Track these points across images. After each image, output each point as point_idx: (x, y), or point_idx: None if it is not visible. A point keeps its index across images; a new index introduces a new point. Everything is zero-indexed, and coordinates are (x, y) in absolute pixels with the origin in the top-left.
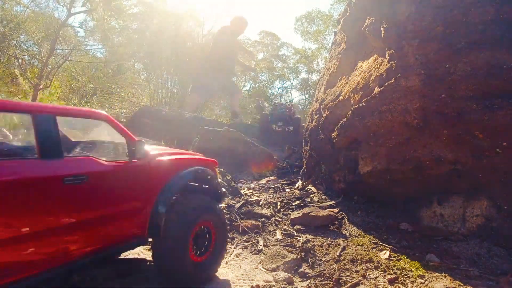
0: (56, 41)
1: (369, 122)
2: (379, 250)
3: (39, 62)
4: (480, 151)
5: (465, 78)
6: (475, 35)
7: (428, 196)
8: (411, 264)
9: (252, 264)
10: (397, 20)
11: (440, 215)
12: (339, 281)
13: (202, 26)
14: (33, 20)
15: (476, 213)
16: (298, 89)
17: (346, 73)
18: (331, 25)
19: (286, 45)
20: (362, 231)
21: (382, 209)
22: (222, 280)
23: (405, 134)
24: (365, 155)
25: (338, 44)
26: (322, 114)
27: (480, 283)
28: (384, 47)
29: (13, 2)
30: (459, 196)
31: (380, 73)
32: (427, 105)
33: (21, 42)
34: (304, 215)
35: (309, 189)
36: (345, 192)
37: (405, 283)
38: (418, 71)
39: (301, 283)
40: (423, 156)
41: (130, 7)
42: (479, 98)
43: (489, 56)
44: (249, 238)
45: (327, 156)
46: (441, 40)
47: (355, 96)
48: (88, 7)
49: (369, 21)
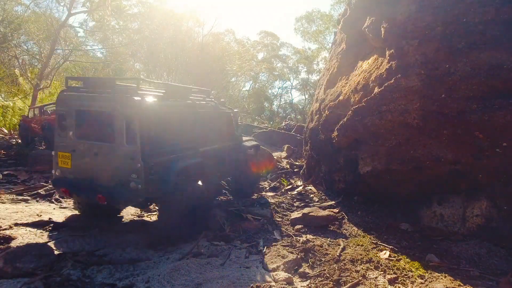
0: (56, 41)
1: (369, 122)
2: (379, 250)
3: (39, 63)
4: (480, 151)
5: (465, 78)
6: (475, 35)
7: (428, 196)
8: (411, 264)
9: (252, 264)
10: (397, 20)
11: (440, 215)
12: (339, 281)
13: (202, 26)
14: (34, 21)
15: (476, 213)
16: (298, 89)
17: (346, 73)
18: (331, 25)
19: (286, 45)
20: (362, 231)
21: (382, 209)
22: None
23: (405, 134)
24: (365, 155)
25: (338, 44)
26: (322, 114)
27: (480, 283)
28: (384, 47)
29: (13, 3)
30: (459, 196)
31: (380, 73)
32: (427, 105)
33: (22, 43)
34: (304, 215)
35: (309, 189)
36: (345, 192)
37: (405, 283)
38: (418, 71)
39: (301, 283)
40: (423, 156)
41: (130, 7)
42: (479, 98)
43: (489, 56)
44: (249, 238)
45: (327, 156)
46: (441, 40)
47: (355, 96)
48: (88, 7)
49: (369, 21)
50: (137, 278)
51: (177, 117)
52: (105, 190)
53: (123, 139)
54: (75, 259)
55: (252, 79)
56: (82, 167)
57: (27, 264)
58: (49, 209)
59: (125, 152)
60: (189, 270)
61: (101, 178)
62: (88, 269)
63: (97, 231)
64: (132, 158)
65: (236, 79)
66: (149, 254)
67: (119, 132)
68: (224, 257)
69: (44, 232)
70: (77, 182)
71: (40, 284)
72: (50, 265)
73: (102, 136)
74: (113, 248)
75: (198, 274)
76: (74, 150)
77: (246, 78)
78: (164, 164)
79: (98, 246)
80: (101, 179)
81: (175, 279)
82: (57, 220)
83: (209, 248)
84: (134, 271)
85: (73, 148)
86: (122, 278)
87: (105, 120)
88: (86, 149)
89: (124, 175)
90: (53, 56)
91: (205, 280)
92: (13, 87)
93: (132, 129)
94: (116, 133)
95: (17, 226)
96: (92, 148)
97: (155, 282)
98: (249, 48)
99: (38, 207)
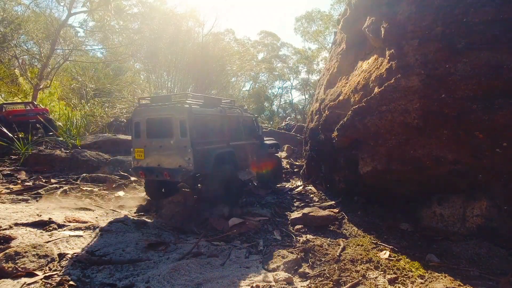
0: (56, 41)
1: (369, 122)
2: (379, 250)
3: (39, 62)
4: (480, 151)
5: (465, 78)
6: (475, 35)
7: (428, 196)
8: (411, 264)
9: (252, 264)
10: (397, 20)
11: (440, 215)
12: (339, 281)
13: (202, 26)
14: (34, 21)
15: (476, 213)
16: (298, 89)
17: (346, 73)
18: (331, 25)
19: (286, 45)
20: (362, 231)
21: (382, 209)
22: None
23: (405, 134)
24: (365, 155)
25: (338, 44)
26: (322, 114)
27: (480, 283)
28: (384, 47)
29: (13, 2)
30: (459, 196)
31: (380, 73)
32: (427, 105)
33: (22, 43)
34: (304, 215)
35: (309, 189)
36: (345, 192)
37: (405, 283)
38: (418, 71)
39: (301, 283)
40: (423, 156)
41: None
42: (479, 98)
43: (489, 56)
44: (249, 238)
45: (327, 156)
46: (441, 40)
47: (355, 96)
48: (88, 7)
49: (369, 21)
50: (137, 278)
51: (213, 119)
52: (168, 170)
53: (178, 134)
54: (75, 259)
55: (252, 79)
56: (152, 157)
57: (27, 264)
58: (49, 209)
59: (180, 143)
60: (189, 270)
61: (165, 163)
62: (88, 269)
63: (97, 231)
64: (185, 146)
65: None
66: (149, 254)
67: (176, 130)
68: (224, 257)
69: (44, 232)
70: (149, 168)
71: (40, 284)
72: (50, 265)
73: (165, 133)
74: (113, 248)
75: (198, 274)
76: (146, 146)
77: (246, 78)
78: (206, 151)
79: (98, 246)
80: (165, 163)
81: (175, 279)
82: (57, 220)
83: (209, 248)
84: (134, 271)
85: (145, 145)
86: (122, 278)
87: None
88: (154, 144)
89: (181, 159)
90: (53, 56)
91: (205, 280)
92: (13, 87)
93: (184, 127)
94: (174, 131)
95: (17, 226)
96: (158, 143)
97: (155, 282)
98: (249, 48)
99: (38, 207)
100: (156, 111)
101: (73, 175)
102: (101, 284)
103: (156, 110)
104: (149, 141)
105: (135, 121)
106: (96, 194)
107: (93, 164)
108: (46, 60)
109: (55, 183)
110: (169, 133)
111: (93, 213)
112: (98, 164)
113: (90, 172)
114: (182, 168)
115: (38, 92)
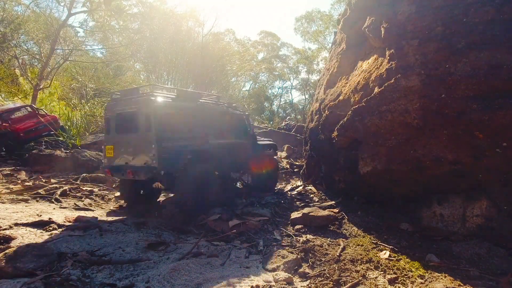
0: (56, 41)
1: (369, 122)
2: (379, 250)
3: (39, 62)
4: (480, 151)
5: (465, 78)
6: (475, 35)
7: (428, 196)
8: (411, 264)
9: (252, 264)
10: (397, 20)
11: (440, 215)
12: (339, 281)
13: (202, 26)
14: (34, 21)
15: (476, 213)
16: (298, 89)
17: (346, 73)
18: (331, 25)
19: (286, 45)
20: (362, 231)
21: (382, 209)
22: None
23: (405, 134)
24: (365, 155)
25: (338, 44)
26: (322, 114)
27: (480, 283)
28: (384, 47)
29: (13, 3)
30: (459, 196)
31: (380, 73)
32: (427, 105)
33: (22, 43)
34: (304, 215)
35: (309, 189)
36: (345, 192)
37: (405, 283)
38: (418, 71)
39: (301, 283)
40: (423, 156)
41: (130, 7)
42: (479, 98)
43: (489, 56)
44: (249, 238)
45: (327, 156)
46: (441, 40)
47: (355, 96)
48: (88, 7)
49: (369, 21)
50: (137, 278)
51: (187, 114)
52: (132, 168)
53: (144, 129)
54: (75, 259)
55: (252, 79)
56: (120, 155)
57: (27, 264)
58: (49, 209)
59: (146, 138)
60: (189, 270)
61: (132, 161)
62: (88, 269)
63: (97, 231)
64: (149, 142)
65: (236, 79)
66: (149, 254)
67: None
68: (224, 257)
69: (44, 232)
70: (116, 166)
71: (40, 284)
72: (50, 265)
73: (132, 129)
74: (113, 248)
75: (198, 274)
76: (115, 142)
77: (246, 78)
78: (176, 148)
79: (98, 246)
80: (133, 161)
81: (175, 279)
82: (57, 220)
83: (209, 248)
84: (134, 271)
85: (115, 141)
86: (122, 278)
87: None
88: (123, 141)
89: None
90: (53, 56)
91: (205, 280)
92: (13, 87)
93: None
94: (139, 125)
95: (17, 226)
96: (126, 139)
97: (155, 282)
98: (249, 48)
99: (38, 207)
100: (124, 105)
101: (73, 175)
102: (101, 284)
103: (124, 104)
104: (119, 138)
105: (106, 116)
106: (96, 194)
107: (93, 164)
108: (46, 60)
109: (55, 183)
110: (136, 128)
111: (93, 213)
112: (98, 164)
113: (90, 172)
114: (146, 165)
115: (38, 92)
